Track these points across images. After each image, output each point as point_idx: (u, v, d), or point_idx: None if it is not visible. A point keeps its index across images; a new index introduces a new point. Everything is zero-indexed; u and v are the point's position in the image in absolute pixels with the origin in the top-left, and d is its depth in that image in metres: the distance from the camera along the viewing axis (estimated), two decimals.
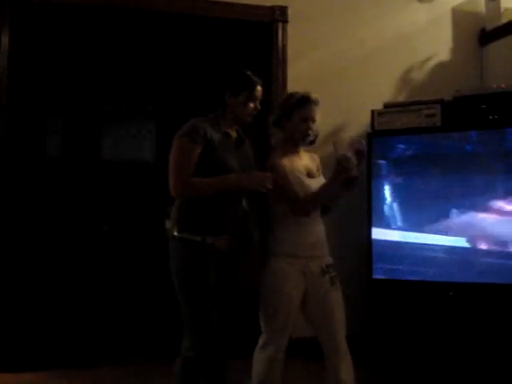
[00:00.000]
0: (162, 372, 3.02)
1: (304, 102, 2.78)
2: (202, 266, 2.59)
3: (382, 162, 3.96)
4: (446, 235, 3.77)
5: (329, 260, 2.78)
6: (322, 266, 2.73)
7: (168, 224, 2.72)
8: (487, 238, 3.67)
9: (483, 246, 3.69)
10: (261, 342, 2.73)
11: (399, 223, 3.90)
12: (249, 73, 2.75)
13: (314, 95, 2.79)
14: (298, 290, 2.71)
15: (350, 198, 3.98)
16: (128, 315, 5.14)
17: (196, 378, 2.62)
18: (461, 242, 3.73)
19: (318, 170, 2.88)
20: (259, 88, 2.73)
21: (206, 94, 2.98)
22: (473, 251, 3.72)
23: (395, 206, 3.93)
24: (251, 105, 2.71)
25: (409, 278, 3.85)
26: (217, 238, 2.60)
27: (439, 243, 3.78)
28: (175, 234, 2.62)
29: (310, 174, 2.81)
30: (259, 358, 2.71)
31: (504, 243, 3.64)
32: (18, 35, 3.88)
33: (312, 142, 2.86)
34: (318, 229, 2.78)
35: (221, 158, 2.62)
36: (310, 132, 2.78)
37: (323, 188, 2.68)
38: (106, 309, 5.28)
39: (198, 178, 2.58)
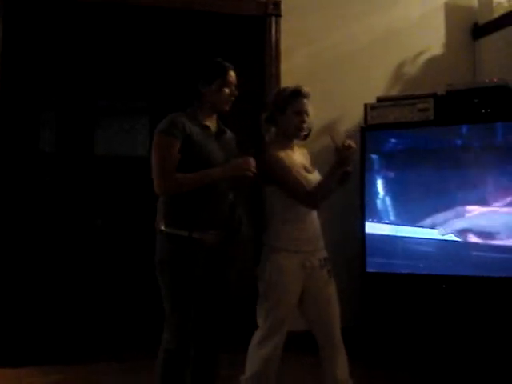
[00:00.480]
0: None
1: (296, 96, 2.78)
2: (187, 260, 2.57)
3: (374, 156, 3.97)
4: (439, 228, 3.79)
5: (325, 253, 2.79)
6: (320, 260, 2.74)
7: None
8: (479, 231, 3.69)
9: (474, 240, 3.70)
10: (257, 339, 2.69)
11: (392, 217, 3.92)
12: (219, 60, 2.72)
13: (305, 88, 2.79)
14: (297, 285, 2.71)
15: (343, 192, 3.99)
16: (123, 310, 5.15)
17: (178, 371, 2.60)
18: (452, 235, 3.75)
19: (311, 166, 2.88)
20: (232, 73, 2.71)
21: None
22: (464, 244, 3.74)
23: (388, 200, 3.94)
24: (226, 91, 2.68)
25: (402, 271, 3.87)
26: (204, 233, 2.58)
27: (432, 237, 3.80)
28: (162, 228, 2.61)
29: (306, 169, 2.81)
30: (256, 356, 2.67)
31: (494, 236, 3.66)
32: (12, 29, 3.86)
33: (306, 137, 2.87)
34: (315, 223, 2.78)
35: (202, 152, 2.59)
36: (304, 125, 2.77)
37: (324, 181, 2.67)
38: (101, 303, 5.28)
39: (181, 174, 2.54)
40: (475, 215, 3.71)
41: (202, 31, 4.69)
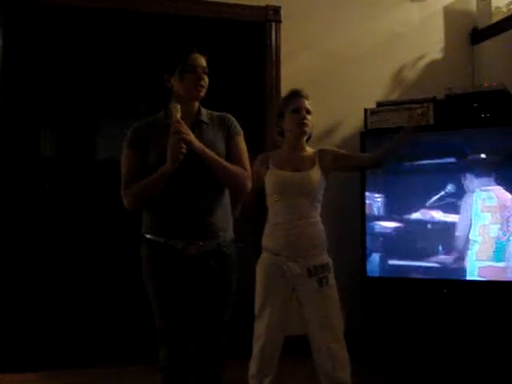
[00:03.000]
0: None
1: (292, 96, 2.85)
2: (166, 267, 2.41)
3: None
4: (440, 232, 3.80)
5: (321, 260, 2.75)
6: (308, 267, 2.71)
7: None
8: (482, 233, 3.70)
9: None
10: None
11: (393, 222, 3.92)
12: (179, 45, 2.51)
13: (301, 89, 2.85)
14: (277, 286, 2.75)
15: (343, 197, 4.03)
16: (123, 314, 5.14)
17: None
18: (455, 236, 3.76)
19: (312, 164, 2.83)
20: (194, 56, 2.45)
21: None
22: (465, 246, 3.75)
23: (389, 204, 3.95)
24: (191, 76, 2.42)
25: (403, 275, 3.87)
26: (181, 240, 2.39)
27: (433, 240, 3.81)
28: (144, 235, 2.49)
29: (289, 168, 2.83)
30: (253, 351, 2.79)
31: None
32: (12, 37, 3.88)
33: (307, 139, 2.90)
34: (303, 228, 2.75)
35: (163, 152, 2.32)
36: (304, 121, 2.79)
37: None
38: (102, 308, 5.27)
39: (135, 184, 2.37)
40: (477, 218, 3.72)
41: (202, 37, 4.70)
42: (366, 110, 4.06)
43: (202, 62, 2.47)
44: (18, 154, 4.55)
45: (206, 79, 2.47)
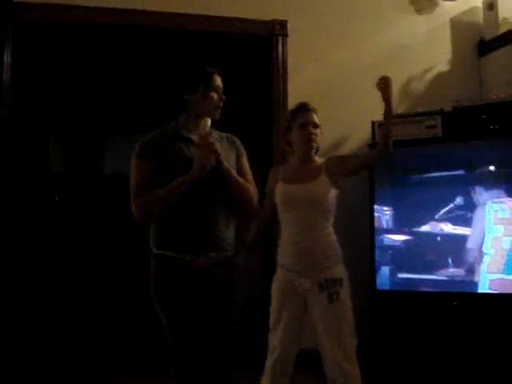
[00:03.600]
0: None
1: (299, 110, 2.85)
2: (177, 281, 2.43)
3: (383, 173, 3.96)
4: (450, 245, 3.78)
5: (333, 274, 2.71)
6: (320, 281, 2.69)
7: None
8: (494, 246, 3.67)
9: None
10: None
11: (402, 235, 3.90)
12: (202, 65, 2.60)
13: (308, 103, 2.85)
14: (291, 302, 2.74)
15: (352, 208, 4.02)
16: (129, 330, 5.13)
17: None
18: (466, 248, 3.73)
19: (319, 174, 2.80)
20: (216, 77, 2.57)
21: None
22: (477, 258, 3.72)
23: (398, 217, 3.93)
24: (214, 96, 2.54)
25: (413, 288, 3.84)
26: (193, 254, 2.44)
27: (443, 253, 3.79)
28: (154, 251, 2.51)
29: (291, 181, 2.83)
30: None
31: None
32: (21, 52, 3.91)
33: (316, 151, 2.90)
34: (312, 240, 2.73)
35: (180, 166, 2.42)
36: (312, 136, 2.79)
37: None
38: (110, 323, 5.27)
39: (151, 192, 2.40)
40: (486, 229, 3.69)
41: (209, 51, 4.72)
42: (373, 123, 4.06)
43: (221, 84, 2.59)
44: (27, 168, 4.57)
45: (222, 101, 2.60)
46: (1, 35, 3.73)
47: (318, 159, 2.89)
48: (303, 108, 2.84)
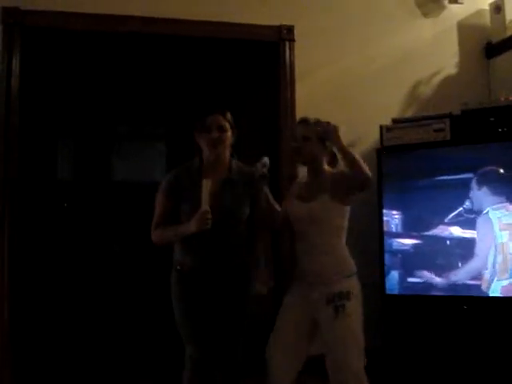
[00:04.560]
0: None
1: (296, 125, 2.95)
2: (181, 291, 2.80)
3: (391, 177, 3.96)
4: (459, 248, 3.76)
5: (341, 288, 2.70)
6: (328, 295, 2.69)
7: None
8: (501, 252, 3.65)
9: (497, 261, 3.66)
10: None
11: (411, 239, 3.89)
12: (204, 106, 2.84)
13: (305, 116, 2.89)
14: (300, 315, 2.77)
15: (360, 213, 4.01)
16: (139, 335, 5.14)
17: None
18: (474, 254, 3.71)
19: (324, 191, 2.79)
20: (211, 117, 2.76)
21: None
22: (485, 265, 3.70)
23: (407, 220, 3.92)
24: (207, 136, 2.74)
25: (422, 292, 3.83)
26: (203, 268, 2.76)
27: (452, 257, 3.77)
28: (174, 262, 2.87)
29: (299, 198, 2.86)
30: None
31: None
32: (29, 59, 3.94)
33: (331, 162, 2.92)
34: (319, 256, 2.74)
35: (190, 204, 2.69)
36: (298, 150, 2.83)
37: None
38: (118, 328, 5.28)
39: (162, 228, 2.80)
40: (496, 234, 3.67)
41: (217, 57, 4.73)
42: (381, 127, 4.05)
43: (219, 120, 2.76)
44: (36, 175, 4.60)
45: (225, 135, 2.77)
46: (9, 42, 3.76)
47: (330, 171, 2.87)
48: (298, 121, 2.94)
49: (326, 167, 2.87)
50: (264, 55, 4.35)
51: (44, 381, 3.99)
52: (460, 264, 3.76)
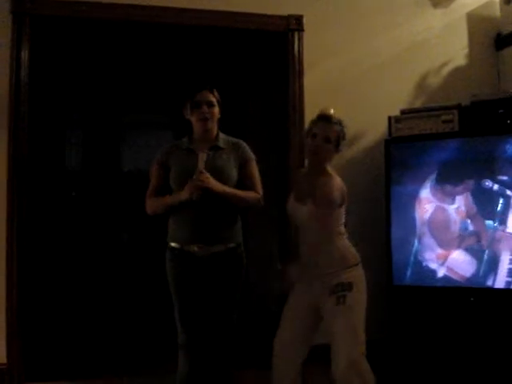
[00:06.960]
0: None
1: (318, 120, 2.82)
2: (182, 268, 2.87)
3: (399, 168, 3.95)
4: (466, 241, 3.76)
5: (342, 278, 2.71)
6: (330, 286, 2.70)
7: None
8: (507, 243, 3.65)
9: (504, 252, 3.66)
10: None
11: (418, 229, 3.88)
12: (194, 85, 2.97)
13: (326, 111, 2.81)
14: (305, 307, 2.80)
15: (368, 205, 4.02)
16: (146, 324, 5.17)
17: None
18: (480, 247, 3.71)
19: (311, 195, 2.74)
20: (200, 94, 2.93)
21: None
22: (493, 256, 3.69)
23: (414, 212, 3.91)
24: (197, 111, 2.91)
25: (429, 284, 3.83)
26: (194, 245, 2.84)
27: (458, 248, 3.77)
28: (167, 243, 2.95)
29: (296, 198, 2.84)
30: None
31: None
32: (38, 49, 3.94)
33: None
34: (319, 249, 2.75)
35: (176, 173, 2.88)
36: (315, 149, 2.75)
37: None
38: (126, 317, 5.31)
39: (154, 197, 2.93)
40: (504, 225, 3.66)
41: (225, 47, 4.73)
42: (390, 118, 4.04)
43: (208, 96, 2.94)
44: (45, 165, 4.62)
45: (214, 110, 2.95)
46: (18, 32, 3.75)
47: (329, 173, 2.81)
48: (321, 118, 2.80)
49: (329, 169, 2.83)
50: (273, 45, 4.34)
51: (53, 366, 4.01)
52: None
